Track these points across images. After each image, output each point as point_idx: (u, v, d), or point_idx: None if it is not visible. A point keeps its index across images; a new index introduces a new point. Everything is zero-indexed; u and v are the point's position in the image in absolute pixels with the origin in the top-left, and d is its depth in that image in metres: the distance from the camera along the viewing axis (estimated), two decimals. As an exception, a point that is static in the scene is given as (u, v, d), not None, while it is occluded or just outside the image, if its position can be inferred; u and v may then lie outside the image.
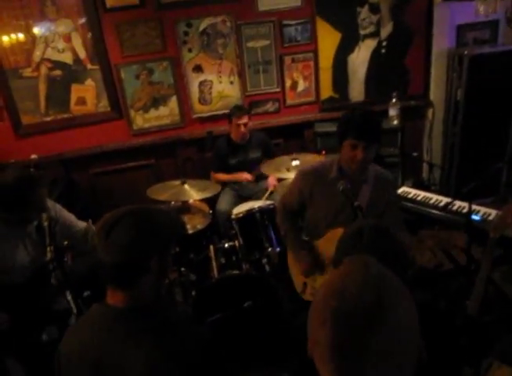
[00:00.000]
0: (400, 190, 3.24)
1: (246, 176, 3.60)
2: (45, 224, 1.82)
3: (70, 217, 2.26)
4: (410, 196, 3.16)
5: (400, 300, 0.77)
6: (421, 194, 3.14)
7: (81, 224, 2.28)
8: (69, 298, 2.04)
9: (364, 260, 0.85)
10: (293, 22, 3.83)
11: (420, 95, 4.19)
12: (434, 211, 2.90)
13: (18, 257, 1.99)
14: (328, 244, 2.03)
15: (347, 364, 0.75)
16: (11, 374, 2.05)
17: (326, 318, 0.77)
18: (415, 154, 3.99)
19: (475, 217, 2.73)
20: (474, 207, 2.70)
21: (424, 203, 3.02)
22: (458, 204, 2.91)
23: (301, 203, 2.33)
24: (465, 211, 2.78)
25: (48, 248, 1.73)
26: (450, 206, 2.87)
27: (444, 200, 2.99)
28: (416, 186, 3.74)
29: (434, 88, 4.16)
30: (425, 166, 4.31)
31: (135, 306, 1.22)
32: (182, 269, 3.08)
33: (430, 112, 4.23)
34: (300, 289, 2.41)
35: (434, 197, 3.07)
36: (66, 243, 1.95)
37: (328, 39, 3.92)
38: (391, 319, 0.75)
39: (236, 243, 3.07)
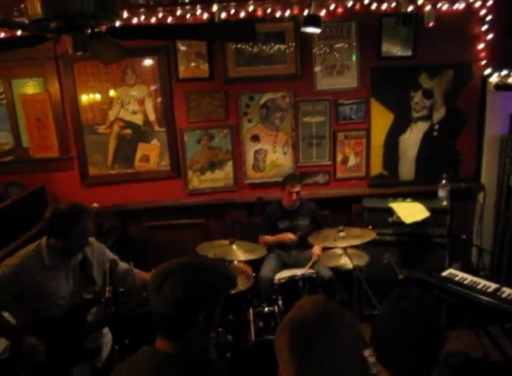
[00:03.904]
0: (446, 272, 3.18)
1: (290, 236, 3.65)
2: (107, 265, 1.97)
3: (114, 257, 2.36)
4: (457, 279, 3.08)
5: (342, 318, 1.09)
6: (468, 278, 3.06)
7: (123, 264, 2.37)
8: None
9: (319, 295, 1.19)
10: (348, 101, 4.06)
11: (471, 178, 4.21)
12: (481, 297, 2.81)
13: (60, 288, 2.10)
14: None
15: (300, 360, 1.03)
16: None
17: (286, 326, 1.08)
18: (464, 237, 3.94)
19: (526, 307, 2.63)
20: (525, 296, 2.62)
21: (471, 287, 2.93)
22: (508, 291, 2.81)
23: None
24: (515, 299, 2.69)
25: (108, 288, 1.85)
26: (499, 293, 2.79)
27: (493, 286, 2.91)
28: (464, 269, 3.65)
29: (485, 172, 4.18)
30: (474, 250, 4.22)
31: (181, 354, 1.28)
32: (220, 329, 3.10)
33: (481, 195, 4.22)
34: None
35: (482, 282, 2.99)
36: (121, 289, 2.05)
37: (381, 119, 4.10)
38: (332, 328, 1.05)
39: (276, 308, 3.09)
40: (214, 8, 3.45)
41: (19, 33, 3.42)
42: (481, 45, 3.96)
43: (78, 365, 2.13)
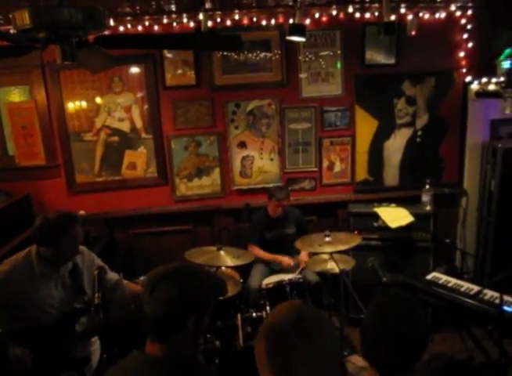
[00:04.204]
0: (430, 276, 3.24)
1: (287, 262, 3.59)
2: (95, 272, 1.98)
3: (103, 265, 2.37)
4: (441, 282, 3.14)
5: (318, 323, 1.12)
6: (452, 281, 3.12)
7: (113, 275, 2.38)
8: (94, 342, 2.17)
9: (296, 300, 1.22)
10: (333, 108, 4.13)
11: (454, 184, 4.30)
12: (464, 299, 2.88)
13: (49, 296, 2.08)
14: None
15: (277, 365, 1.06)
16: None
17: (263, 333, 1.12)
18: (447, 241, 4.01)
19: (507, 308, 2.69)
20: (506, 297, 2.68)
21: (455, 290, 2.99)
22: (490, 293, 2.87)
23: None
24: (497, 301, 2.75)
25: (97, 295, 1.86)
26: (481, 295, 2.85)
27: (475, 288, 2.97)
28: (448, 273, 3.72)
29: (467, 178, 4.27)
30: (458, 253, 4.30)
31: (171, 358, 1.30)
32: (208, 335, 3.11)
33: (463, 200, 4.31)
34: None
35: (465, 285, 3.05)
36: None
37: (366, 126, 4.17)
38: (307, 333, 1.07)
39: (264, 313, 3.11)
40: (201, 16, 3.49)
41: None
42: (462, 53, 4.06)
43: (67, 373, 2.12)
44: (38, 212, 3.75)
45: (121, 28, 3.75)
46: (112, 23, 3.70)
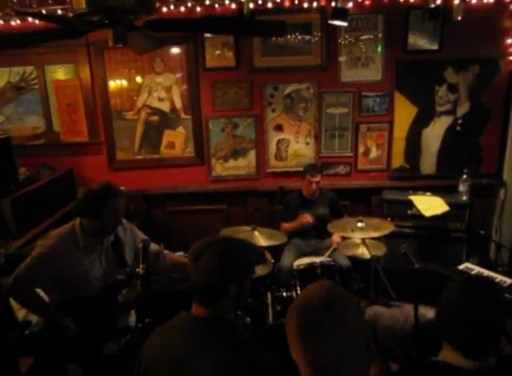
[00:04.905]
0: (463, 266, 3.24)
1: (307, 218, 3.64)
2: (140, 245, 2.06)
3: (146, 237, 2.41)
4: (473, 272, 3.14)
5: (347, 303, 1.15)
6: (484, 272, 3.12)
7: (154, 246, 2.42)
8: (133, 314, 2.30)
9: (325, 281, 1.24)
10: (372, 94, 4.09)
11: (493, 174, 4.21)
12: (496, 291, 2.86)
13: (93, 268, 2.15)
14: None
15: (308, 345, 1.09)
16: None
17: (293, 313, 1.15)
18: (482, 232, 3.95)
19: (541, 302, 2.67)
20: (539, 292, 2.66)
21: (487, 281, 2.98)
22: (524, 287, 2.86)
23: None
24: (531, 295, 2.73)
25: (141, 266, 1.94)
26: (514, 288, 2.83)
27: (508, 281, 2.95)
28: (481, 264, 3.68)
29: (507, 169, 4.17)
30: (493, 246, 4.23)
31: (214, 319, 1.42)
32: (239, 312, 3.21)
33: (502, 192, 4.22)
34: None
35: (498, 277, 3.03)
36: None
37: (404, 112, 4.12)
38: (336, 313, 1.10)
39: (294, 294, 3.18)
40: (243, -2, 3.51)
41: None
42: (510, 40, 3.92)
43: (110, 343, 2.20)
44: (81, 187, 3.92)
45: (164, 9, 3.81)
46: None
